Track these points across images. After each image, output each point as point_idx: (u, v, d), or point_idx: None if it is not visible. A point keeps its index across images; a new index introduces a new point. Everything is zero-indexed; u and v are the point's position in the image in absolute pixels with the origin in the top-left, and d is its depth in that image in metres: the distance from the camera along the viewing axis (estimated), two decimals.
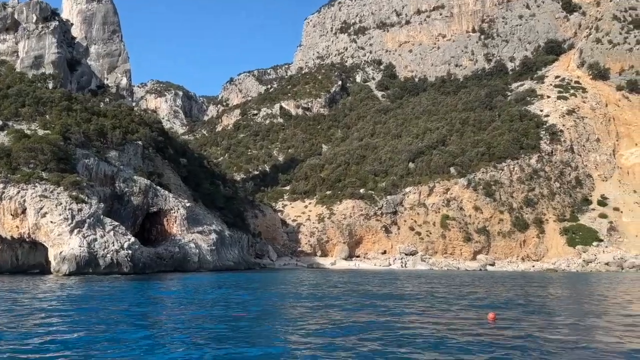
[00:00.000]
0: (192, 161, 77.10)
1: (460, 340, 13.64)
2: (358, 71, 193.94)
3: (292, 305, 22.55)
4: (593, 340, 14.77)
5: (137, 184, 56.32)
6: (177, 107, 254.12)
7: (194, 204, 63.27)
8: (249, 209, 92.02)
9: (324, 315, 18.03)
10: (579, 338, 14.88)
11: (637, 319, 19.81)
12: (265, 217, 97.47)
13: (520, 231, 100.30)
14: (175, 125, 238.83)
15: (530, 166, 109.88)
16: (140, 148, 61.31)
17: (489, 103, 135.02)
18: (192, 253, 55.33)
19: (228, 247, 63.25)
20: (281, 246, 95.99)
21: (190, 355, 11.12)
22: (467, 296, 28.67)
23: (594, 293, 35.27)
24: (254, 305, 21.90)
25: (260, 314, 19.16)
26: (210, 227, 60.16)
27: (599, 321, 18.41)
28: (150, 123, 69.00)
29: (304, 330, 14.83)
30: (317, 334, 14.18)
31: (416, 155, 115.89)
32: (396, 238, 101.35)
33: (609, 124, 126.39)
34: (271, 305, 22.25)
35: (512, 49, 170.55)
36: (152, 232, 58.91)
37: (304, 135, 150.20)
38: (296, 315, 18.51)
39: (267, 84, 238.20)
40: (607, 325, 17.47)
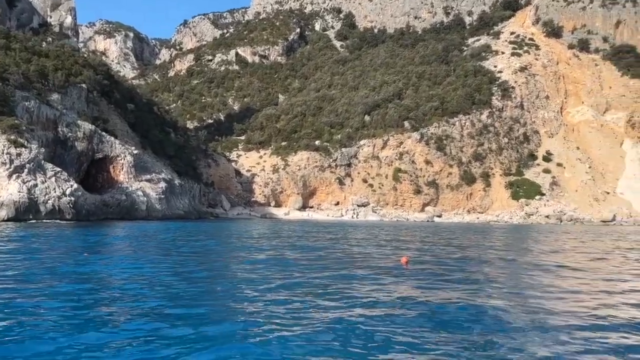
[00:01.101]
0: (140, 107, 74.47)
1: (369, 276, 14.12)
2: (317, 19, 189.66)
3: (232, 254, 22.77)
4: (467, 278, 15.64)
5: (81, 129, 54.19)
6: (128, 50, 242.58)
7: (142, 152, 61.68)
8: (201, 158, 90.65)
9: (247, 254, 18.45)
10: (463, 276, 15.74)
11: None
12: (219, 167, 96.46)
13: (468, 184, 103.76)
14: (126, 69, 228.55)
15: (481, 121, 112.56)
16: (84, 91, 58.58)
17: (445, 57, 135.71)
18: (140, 201, 54.45)
19: (178, 196, 62.55)
20: (235, 196, 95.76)
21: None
22: (388, 243, 29.72)
23: (492, 238, 37.29)
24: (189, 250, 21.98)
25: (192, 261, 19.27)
26: (159, 175, 59.09)
27: (482, 267, 19.54)
28: (95, 65, 65.67)
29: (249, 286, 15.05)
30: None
31: (372, 108, 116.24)
32: (349, 190, 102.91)
33: (558, 81, 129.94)
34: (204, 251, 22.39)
35: (470, 3, 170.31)
36: (98, 180, 57.37)
37: (260, 84, 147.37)
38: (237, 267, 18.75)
39: (223, 28, 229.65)
40: (478, 270, 18.47)
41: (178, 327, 8.59)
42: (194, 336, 8.17)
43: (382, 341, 8.27)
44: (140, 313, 9.56)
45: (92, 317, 9.20)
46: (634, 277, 17.31)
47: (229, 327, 8.66)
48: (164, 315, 9.40)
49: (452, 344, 8.13)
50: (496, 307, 10.93)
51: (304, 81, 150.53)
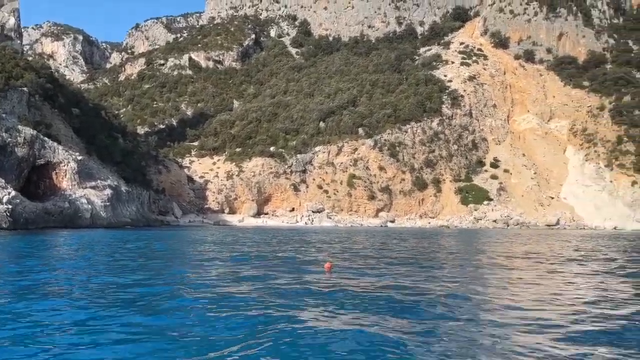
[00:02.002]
0: (87, 111, 72.04)
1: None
2: (273, 25, 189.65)
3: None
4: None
5: (22, 134, 51.92)
6: (77, 53, 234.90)
7: (88, 158, 59.66)
8: (152, 164, 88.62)
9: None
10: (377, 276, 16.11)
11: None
12: (170, 173, 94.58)
13: (420, 190, 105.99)
14: (75, 73, 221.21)
15: (432, 129, 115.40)
16: (25, 95, 56.19)
17: (398, 66, 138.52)
18: (84, 209, 52.59)
19: (125, 204, 60.79)
20: (187, 203, 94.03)
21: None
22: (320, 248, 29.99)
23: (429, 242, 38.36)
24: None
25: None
26: (105, 182, 57.28)
27: (402, 269, 20.09)
28: (38, 68, 63.14)
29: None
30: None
31: (327, 115, 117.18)
32: (304, 196, 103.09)
33: (505, 91, 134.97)
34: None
35: (422, 14, 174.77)
36: (40, 187, 55.08)
37: (214, 90, 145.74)
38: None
39: (177, 32, 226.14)
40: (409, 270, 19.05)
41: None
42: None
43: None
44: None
45: None
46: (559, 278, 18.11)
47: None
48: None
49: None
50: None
51: (259, 87, 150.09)
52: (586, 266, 22.27)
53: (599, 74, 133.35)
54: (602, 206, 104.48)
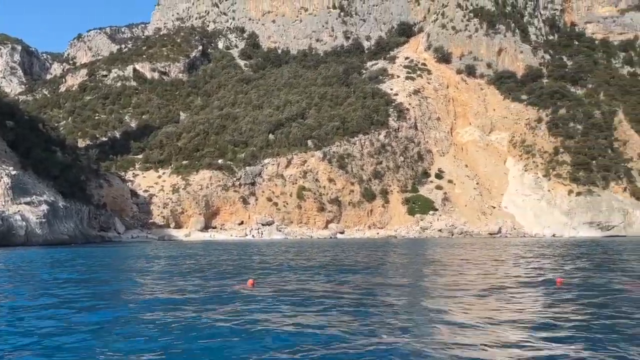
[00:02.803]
0: (22, 124, 68.53)
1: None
2: (220, 37, 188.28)
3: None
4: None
5: None
6: (15, 63, 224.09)
7: (22, 172, 56.71)
8: (92, 179, 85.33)
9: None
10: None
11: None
12: (112, 187, 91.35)
13: (368, 201, 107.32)
14: (12, 84, 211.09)
15: (379, 141, 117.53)
16: None
17: (346, 79, 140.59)
18: (18, 226, 49.88)
19: (62, 220, 58.08)
20: (130, 218, 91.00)
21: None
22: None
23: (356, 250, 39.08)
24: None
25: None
26: (40, 197, 54.59)
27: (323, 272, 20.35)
28: None
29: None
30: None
31: (276, 127, 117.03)
32: (254, 209, 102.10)
33: (448, 104, 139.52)
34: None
35: (368, 29, 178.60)
36: None
37: (160, 101, 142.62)
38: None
39: (121, 43, 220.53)
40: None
41: None
42: None
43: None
44: None
45: None
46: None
47: None
48: None
49: None
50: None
51: (207, 99, 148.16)
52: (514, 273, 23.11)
53: (536, 87, 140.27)
54: (541, 215, 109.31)
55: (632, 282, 17.70)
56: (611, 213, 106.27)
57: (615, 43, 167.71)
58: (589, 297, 14.81)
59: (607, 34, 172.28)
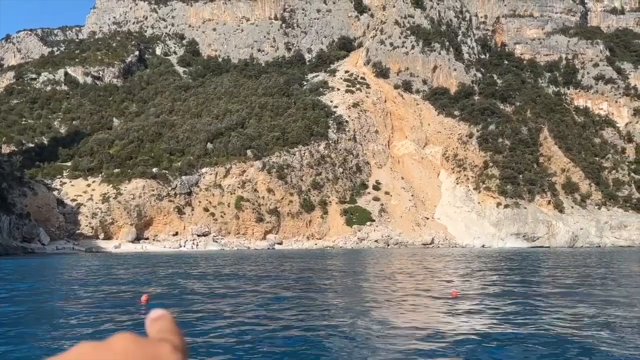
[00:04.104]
0: None
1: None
2: (159, 43, 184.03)
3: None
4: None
5: None
6: None
7: None
8: (15, 187, 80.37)
9: None
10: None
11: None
12: (37, 196, 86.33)
13: (307, 212, 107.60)
14: None
15: (319, 152, 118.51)
16: None
17: (287, 90, 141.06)
18: None
19: None
20: (56, 228, 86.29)
21: None
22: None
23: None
24: None
25: None
26: None
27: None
28: None
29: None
30: None
31: (215, 136, 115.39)
32: (190, 219, 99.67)
33: (386, 118, 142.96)
34: None
35: (310, 41, 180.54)
36: None
37: (92, 107, 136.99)
38: None
39: (54, 46, 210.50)
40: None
41: None
42: None
43: None
44: None
45: None
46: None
47: None
48: None
49: None
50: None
51: (143, 105, 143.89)
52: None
53: (468, 104, 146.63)
54: (471, 226, 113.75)
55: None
56: (536, 225, 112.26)
57: (542, 63, 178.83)
58: (475, 306, 16.21)
59: (535, 54, 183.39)
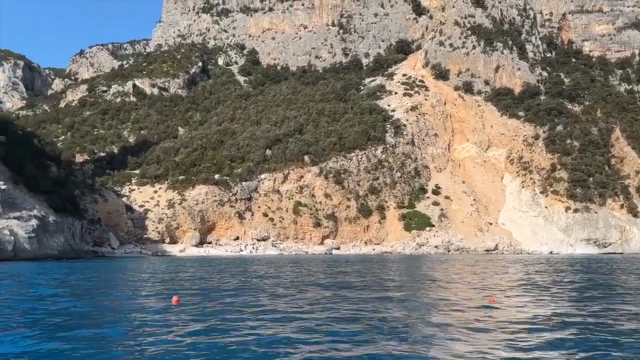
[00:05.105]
0: (15, 139, 68.91)
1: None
2: (220, 54, 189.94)
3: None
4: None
5: None
6: (17, 79, 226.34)
7: (13, 187, 56.81)
8: (87, 193, 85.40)
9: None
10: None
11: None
12: (107, 202, 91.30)
13: (365, 217, 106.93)
14: (14, 99, 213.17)
15: (376, 157, 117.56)
16: None
17: (344, 96, 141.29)
18: (6, 241, 49.82)
19: (52, 235, 58.00)
20: (125, 233, 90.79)
21: None
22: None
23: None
24: None
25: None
26: (30, 212, 54.59)
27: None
28: None
29: None
30: None
31: (273, 143, 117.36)
32: (250, 224, 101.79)
33: (446, 120, 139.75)
34: None
35: (367, 45, 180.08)
36: None
37: (158, 117, 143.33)
38: None
39: (123, 59, 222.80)
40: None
41: None
42: None
43: None
44: None
45: None
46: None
47: None
48: None
49: None
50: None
51: (206, 114, 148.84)
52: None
53: (534, 104, 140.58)
54: (538, 231, 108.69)
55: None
56: (608, 230, 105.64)
57: (613, 60, 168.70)
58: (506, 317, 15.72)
59: (604, 51, 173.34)
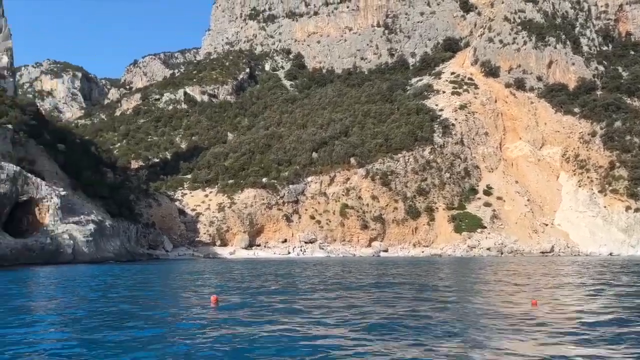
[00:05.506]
0: (74, 147, 72.50)
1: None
2: (267, 59, 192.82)
3: None
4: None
5: (5, 171, 52.07)
6: (76, 90, 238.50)
7: (72, 193, 59.71)
8: (142, 198, 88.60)
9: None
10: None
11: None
12: (161, 207, 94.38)
13: (413, 219, 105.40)
14: (73, 109, 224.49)
15: (424, 157, 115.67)
16: (9, 132, 56.68)
17: (390, 96, 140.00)
18: (66, 244, 52.33)
19: (109, 238, 60.49)
20: (178, 236, 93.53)
21: None
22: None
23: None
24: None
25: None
26: (88, 217, 57.17)
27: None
28: (23, 106, 63.98)
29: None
30: None
31: (319, 145, 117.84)
32: (297, 226, 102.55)
33: (497, 118, 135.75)
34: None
35: (413, 45, 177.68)
36: (23, 223, 54.94)
37: (208, 123, 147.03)
38: None
39: (174, 68, 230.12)
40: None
41: None
42: None
43: None
44: None
45: None
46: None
47: None
48: None
49: None
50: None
51: (253, 119, 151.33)
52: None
53: (590, 100, 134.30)
54: (596, 232, 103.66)
55: None
56: None
57: None
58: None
59: None
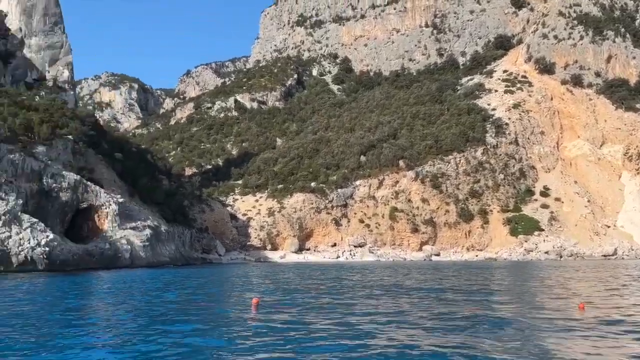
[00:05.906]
0: (131, 156, 75.57)
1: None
2: (315, 65, 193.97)
3: None
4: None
5: (66, 179, 54.84)
6: (132, 100, 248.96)
7: (129, 200, 62.12)
8: (195, 204, 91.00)
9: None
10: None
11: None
12: (214, 212, 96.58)
13: (466, 222, 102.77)
14: (130, 119, 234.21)
15: (476, 158, 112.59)
16: (70, 143, 59.70)
17: (439, 97, 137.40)
18: (124, 249, 54.43)
19: (164, 243, 62.46)
20: (230, 241, 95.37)
21: None
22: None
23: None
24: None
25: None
26: (144, 222, 59.27)
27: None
28: (82, 117, 67.33)
29: None
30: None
31: (367, 149, 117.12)
32: (346, 230, 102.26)
33: (553, 117, 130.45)
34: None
35: (463, 44, 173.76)
36: (84, 229, 57.62)
37: (258, 129, 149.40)
38: None
39: (226, 76, 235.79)
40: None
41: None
42: None
43: None
44: None
45: None
46: None
47: None
48: None
49: None
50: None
51: (302, 124, 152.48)
52: None
53: None
54: None
55: None
56: None
57: None
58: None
59: None
